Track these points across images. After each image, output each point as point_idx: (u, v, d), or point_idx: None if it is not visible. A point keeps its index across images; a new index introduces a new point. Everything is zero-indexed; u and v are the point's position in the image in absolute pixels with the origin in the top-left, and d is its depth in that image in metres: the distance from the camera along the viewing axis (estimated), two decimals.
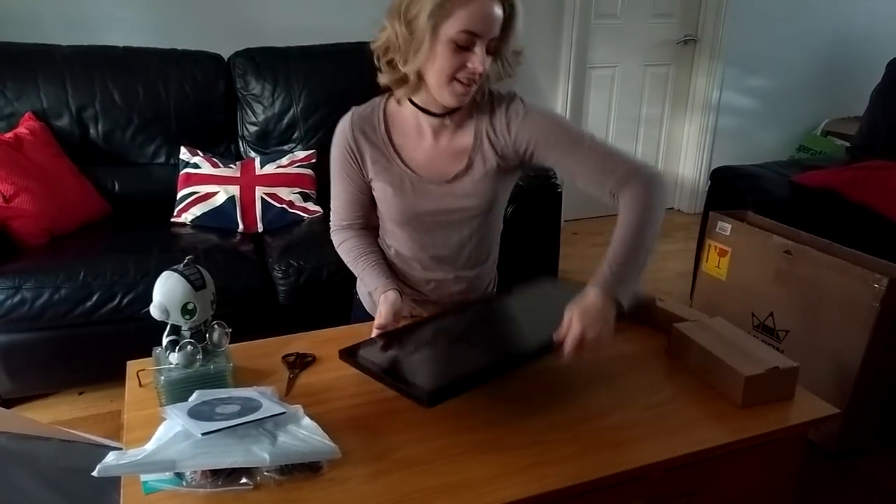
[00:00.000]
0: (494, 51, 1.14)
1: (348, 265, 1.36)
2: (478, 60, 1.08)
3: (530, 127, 1.20)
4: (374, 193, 1.31)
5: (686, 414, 1.07)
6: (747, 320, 2.13)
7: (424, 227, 1.29)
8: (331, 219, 1.39)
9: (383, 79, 1.18)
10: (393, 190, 1.26)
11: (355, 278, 1.42)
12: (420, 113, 1.21)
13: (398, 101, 1.24)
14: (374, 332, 1.18)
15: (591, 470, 0.94)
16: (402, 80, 1.16)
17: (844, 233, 2.07)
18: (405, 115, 1.25)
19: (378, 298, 1.24)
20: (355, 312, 1.49)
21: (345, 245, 1.35)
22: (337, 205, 1.35)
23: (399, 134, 1.26)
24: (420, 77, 1.14)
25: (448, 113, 1.21)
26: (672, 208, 4.19)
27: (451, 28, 1.06)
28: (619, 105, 3.83)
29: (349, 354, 1.11)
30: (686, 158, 4.06)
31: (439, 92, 1.14)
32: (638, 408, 1.08)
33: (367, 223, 1.37)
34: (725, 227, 2.19)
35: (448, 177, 1.24)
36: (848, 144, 3.37)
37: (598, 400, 1.10)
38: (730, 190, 2.59)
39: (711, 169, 2.80)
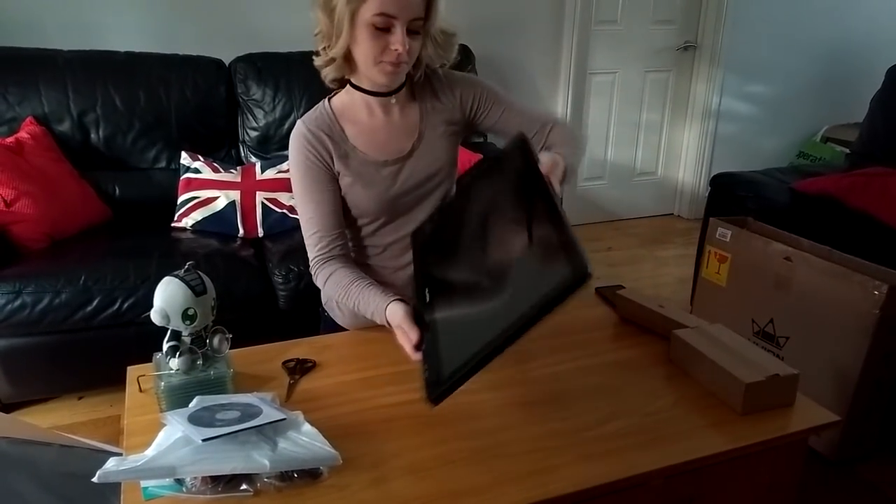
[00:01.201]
0: (423, 31, 1.18)
1: (339, 300, 1.27)
2: (398, 42, 1.13)
3: (471, 86, 1.33)
4: (342, 194, 1.28)
5: (686, 421, 1.07)
6: (747, 327, 2.13)
7: (400, 210, 1.31)
8: (310, 257, 1.30)
9: (318, 61, 1.24)
10: (361, 182, 1.27)
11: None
12: (366, 95, 1.26)
13: (340, 91, 1.29)
14: (415, 356, 1.05)
15: (591, 477, 0.94)
16: (330, 62, 1.22)
17: (844, 239, 2.07)
18: (352, 102, 1.28)
19: (385, 317, 1.15)
20: (324, 330, 1.45)
21: (333, 278, 1.26)
22: (312, 231, 1.27)
23: (351, 123, 1.28)
24: (347, 59, 1.20)
25: (393, 92, 1.26)
26: (672, 214, 4.20)
27: (367, 12, 1.11)
28: (619, 111, 3.84)
29: (446, 385, 0.91)
30: (686, 164, 4.07)
31: (369, 73, 1.20)
32: (638, 415, 1.08)
33: (347, 244, 1.32)
34: (725, 233, 2.20)
35: (404, 152, 1.29)
36: (848, 151, 3.37)
37: (599, 407, 1.10)
38: (730, 196, 2.59)
39: (711, 175, 2.81)
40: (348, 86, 1.27)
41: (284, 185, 2.44)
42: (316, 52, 1.24)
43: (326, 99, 1.31)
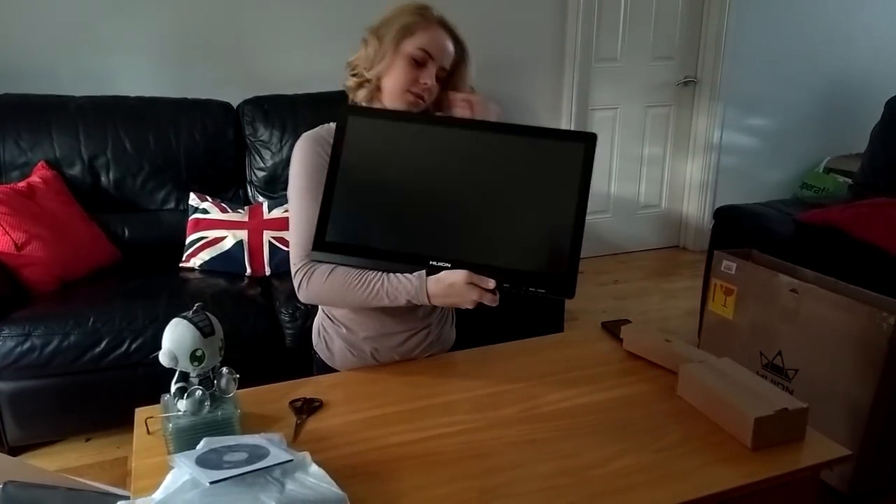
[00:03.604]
0: (443, 84, 1.31)
1: (351, 292, 1.21)
2: (428, 76, 1.27)
3: None
4: None
5: (696, 457, 1.07)
6: (756, 359, 2.12)
7: None
8: (298, 258, 1.24)
9: (350, 82, 1.33)
10: None
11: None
12: None
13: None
14: (495, 300, 1.15)
15: None
16: (363, 83, 1.31)
17: (849, 271, 2.07)
18: None
19: (426, 290, 1.16)
20: (317, 372, 1.44)
21: (337, 272, 1.21)
22: (310, 232, 1.21)
23: None
24: (377, 86, 1.29)
25: None
26: (678, 246, 4.21)
27: (411, 45, 1.26)
28: (621, 145, 3.88)
29: (570, 273, 1.14)
30: (690, 197, 4.09)
31: (394, 100, 1.29)
32: (647, 451, 1.07)
33: None
34: (730, 265, 2.20)
35: None
36: (850, 181, 3.39)
37: (607, 443, 1.09)
38: (734, 228, 2.60)
39: (715, 207, 2.82)
40: None
41: None
42: (350, 76, 1.33)
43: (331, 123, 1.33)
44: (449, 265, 1.16)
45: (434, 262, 1.17)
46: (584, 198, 1.15)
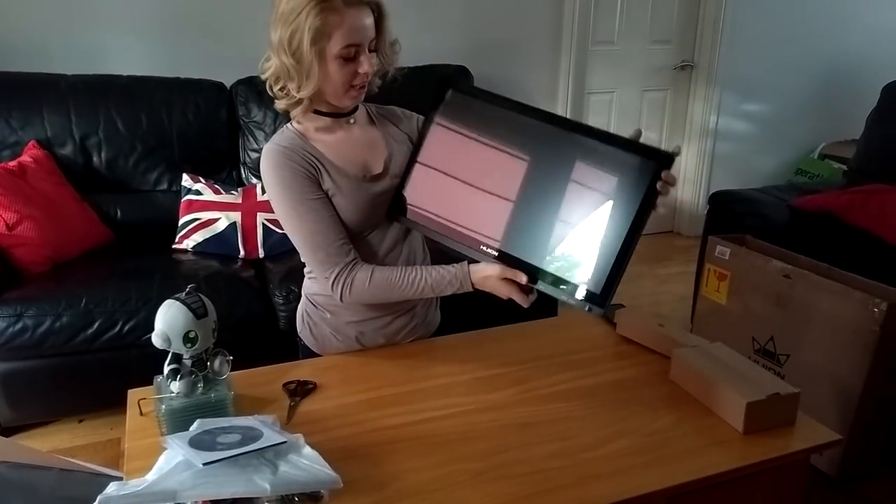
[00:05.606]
0: (375, 48, 1.25)
1: (395, 292, 1.25)
2: (366, 64, 1.21)
3: (414, 120, 1.39)
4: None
5: (688, 441, 1.07)
6: (748, 344, 2.13)
7: (374, 222, 1.30)
8: (328, 270, 1.24)
9: (280, 104, 1.26)
10: (340, 193, 1.26)
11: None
12: (327, 118, 1.30)
13: (299, 122, 1.30)
14: (528, 300, 1.21)
15: (593, 498, 0.93)
16: (298, 103, 1.25)
17: (843, 257, 2.07)
18: (314, 125, 1.30)
19: (469, 279, 1.22)
20: (304, 357, 1.43)
21: (376, 277, 1.24)
22: (322, 241, 1.23)
23: (317, 142, 1.29)
24: (315, 96, 1.23)
25: (351, 112, 1.32)
26: (672, 231, 4.21)
27: (335, 47, 1.17)
28: (617, 130, 3.80)
29: (609, 285, 1.15)
30: (684, 182, 4.09)
31: (340, 100, 1.25)
32: (639, 435, 1.08)
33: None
34: (724, 251, 2.20)
35: (378, 171, 1.30)
36: (845, 168, 3.39)
37: (600, 427, 1.10)
38: (728, 214, 2.60)
39: (710, 193, 2.82)
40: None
41: None
42: (272, 95, 1.25)
43: (287, 125, 1.32)
44: (496, 254, 1.20)
45: (484, 248, 1.21)
46: (642, 218, 1.11)
